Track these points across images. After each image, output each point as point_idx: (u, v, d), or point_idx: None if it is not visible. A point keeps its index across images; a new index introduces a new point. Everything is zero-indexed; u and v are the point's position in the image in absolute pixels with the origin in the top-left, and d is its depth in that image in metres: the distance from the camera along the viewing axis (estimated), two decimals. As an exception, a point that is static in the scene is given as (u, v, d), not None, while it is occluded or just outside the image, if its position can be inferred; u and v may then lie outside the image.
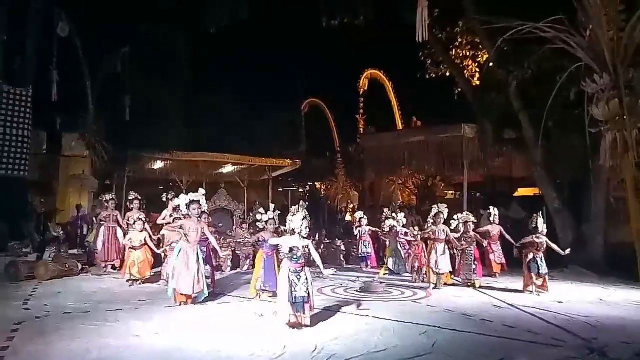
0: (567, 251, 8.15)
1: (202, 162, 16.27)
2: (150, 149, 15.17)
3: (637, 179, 5.81)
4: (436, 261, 8.31)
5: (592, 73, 7.12)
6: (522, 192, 15.78)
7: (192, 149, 16.11)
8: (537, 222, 7.96)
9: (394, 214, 11.41)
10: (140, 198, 9.77)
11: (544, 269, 7.81)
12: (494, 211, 9.79)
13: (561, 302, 7.21)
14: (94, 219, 10.79)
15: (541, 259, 7.85)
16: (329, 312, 6.22)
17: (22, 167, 11.68)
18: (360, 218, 11.73)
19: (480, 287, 8.50)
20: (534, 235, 7.90)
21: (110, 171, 14.69)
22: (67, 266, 9.16)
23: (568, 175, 11.59)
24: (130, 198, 9.80)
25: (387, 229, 10.64)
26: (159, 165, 16.59)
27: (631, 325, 5.81)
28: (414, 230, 10.13)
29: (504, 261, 9.74)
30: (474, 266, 8.59)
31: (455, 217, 8.82)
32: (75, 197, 13.49)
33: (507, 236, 9.36)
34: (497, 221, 9.76)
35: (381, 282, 8.60)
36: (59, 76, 13.28)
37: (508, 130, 12.72)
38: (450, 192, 19.00)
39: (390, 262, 10.32)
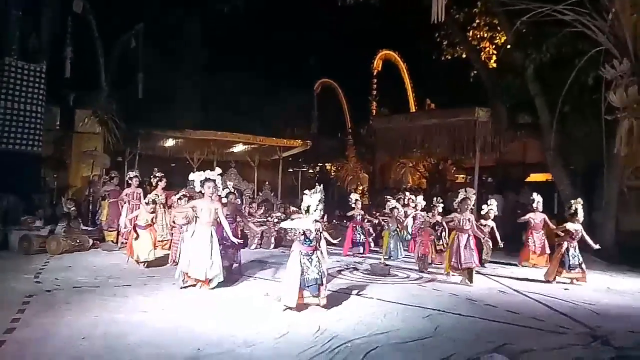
0: (597, 246, 7.77)
1: (213, 141, 16.34)
2: (162, 127, 15.24)
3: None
4: (459, 254, 7.26)
5: (612, 58, 6.92)
6: (534, 177, 15.59)
7: (203, 128, 16.16)
8: (576, 209, 7.54)
9: (412, 197, 11.25)
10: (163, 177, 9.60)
11: (577, 260, 7.45)
12: (537, 197, 9.27)
13: (567, 289, 7.17)
14: (106, 194, 10.88)
15: (575, 249, 7.50)
16: (333, 294, 6.25)
17: (36, 143, 11.86)
18: (356, 200, 10.84)
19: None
20: (570, 222, 7.53)
21: (122, 148, 14.81)
22: (78, 241, 9.32)
23: (582, 162, 11.40)
24: (157, 175, 9.59)
25: (388, 211, 10.29)
26: (170, 143, 16.71)
27: (637, 314, 5.77)
28: (425, 215, 9.99)
29: (548, 251, 9.12)
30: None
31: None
32: (87, 172, 13.66)
33: (551, 225, 8.88)
34: (540, 208, 9.23)
35: (387, 265, 8.60)
36: (72, 53, 13.34)
37: (523, 115, 12.53)
38: (462, 175, 18.85)
39: (387, 247, 9.91)
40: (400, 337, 4.55)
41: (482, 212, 9.06)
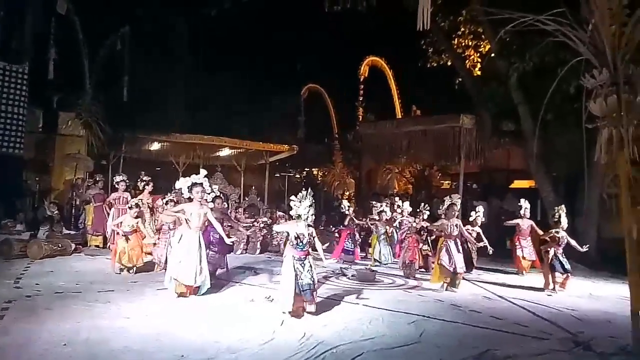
0: (586, 247, 7.85)
1: (199, 145, 16.25)
2: (147, 130, 15.11)
3: (631, 176, 5.81)
4: (449, 260, 7.23)
5: (592, 68, 7.06)
6: (518, 184, 15.81)
7: (189, 132, 16.06)
8: (560, 216, 7.66)
9: (399, 202, 11.16)
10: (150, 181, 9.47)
11: (568, 265, 7.54)
12: (525, 204, 9.28)
13: (550, 295, 7.28)
14: (91, 198, 10.74)
15: (562, 255, 7.58)
16: (319, 300, 6.24)
17: (17, 145, 11.68)
18: (348, 207, 10.80)
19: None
20: (555, 230, 7.62)
21: (106, 151, 14.64)
22: (60, 245, 9.15)
23: (564, 169, 11.60)
24: (144, 179, 9.46)
25: (375, 215, 10.26)
26: (155, 146, 16.56)
27: (618, 319, 5.85)
28: (412, 220, 9.98)
29: (534, 258, 9.23)
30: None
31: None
32: (70, 176, 13.47)
33: (539, 231, 8.87)
34: (527, 215, 9.25)
35: (373, 271, 8.61)
36: (56, 54, 13.17)
37: (507, 122, 12.72)
38: (447, 181, 19.03)
39: (376, 252, 9.90)
40: (385, 343, 4.56)
41: (470, 219, 9.09)
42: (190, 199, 6.37)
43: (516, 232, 9.46)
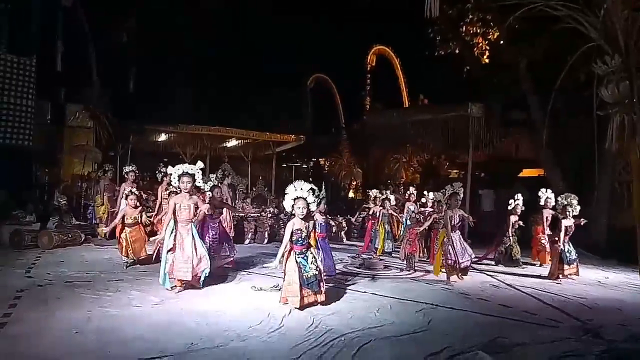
0: (584, 221, 7.74)
1: (206, 136, 16.26)
2: (154, 121, 15.14)
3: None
4: (456, 253, 6.98)
5: (604, 54, 6.95)
6: (526, 172, 15.70)
7: (196, 123, 16.07)
8: (565, 204, 7.60)
9: (424, 192, 10.43)
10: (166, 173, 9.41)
11: (573, 254, 7.48)
12: (547, 193, 8.80)
13: (559, 283, 7.24)
14: (105, 188, 10.77)
15: (569, 244, 7.52)
16: (328, 288, 6.25)
17: (26, 137, 11.76)
18: (375, 197, 10.34)
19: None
20: (567, 219, 7.50)
21: (114, 143, 14.71)
22: (70, 236, 9.25)
23: (574, 158, 11.48)
24: (162, 170, 9.28)
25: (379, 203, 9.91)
26: (163, 138, 16.60)
27: (627, 307, 5.83)
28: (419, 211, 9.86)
29: (548, 248, 8.92)
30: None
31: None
32: (79, 167, 13.55)
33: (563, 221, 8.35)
34: (550, 205, 8.77)
35: (381, 259, 8.60)
36: (63, 46, 13.21)
37: (516, 111, 12.61)
38: (455, 171, 18.93)
39: (380, 241, 9.64)
40: (393, 331, 4.57)
41: (509, 208, 8.74)
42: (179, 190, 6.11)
43: (540, 223, 9.09)
